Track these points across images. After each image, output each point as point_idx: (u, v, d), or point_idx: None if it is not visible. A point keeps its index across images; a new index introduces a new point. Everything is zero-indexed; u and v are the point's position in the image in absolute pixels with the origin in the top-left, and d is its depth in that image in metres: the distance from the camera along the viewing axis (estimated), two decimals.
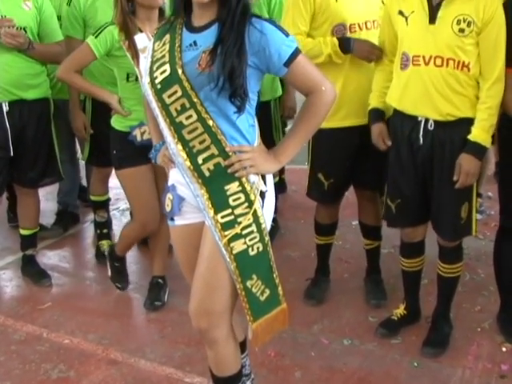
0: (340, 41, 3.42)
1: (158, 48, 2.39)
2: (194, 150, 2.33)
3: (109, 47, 3.52)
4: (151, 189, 3.71)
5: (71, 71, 3.61)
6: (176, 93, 2.29)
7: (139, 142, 3.58)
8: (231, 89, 2.22)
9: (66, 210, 5.24)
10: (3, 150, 3.94)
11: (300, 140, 2.41)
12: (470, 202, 3.25)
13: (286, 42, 2.27)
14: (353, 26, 3.50)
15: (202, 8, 2.30)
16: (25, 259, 4.40)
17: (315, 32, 3.51)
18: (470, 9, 3.01)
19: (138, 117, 3.56)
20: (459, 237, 3.38)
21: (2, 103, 3.87)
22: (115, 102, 3.63)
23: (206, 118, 2.29)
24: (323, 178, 3.73)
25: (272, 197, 2.47)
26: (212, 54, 2.23)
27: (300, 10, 3.46)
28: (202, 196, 2.35)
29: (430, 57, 3.08)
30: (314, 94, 2.35)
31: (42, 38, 4.00)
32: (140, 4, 3.44)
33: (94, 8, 4.20)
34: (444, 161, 3.18)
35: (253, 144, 2.39)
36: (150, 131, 2.76)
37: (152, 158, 2.66)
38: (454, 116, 3.12)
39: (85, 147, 4.57)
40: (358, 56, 3.44)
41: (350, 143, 3.63)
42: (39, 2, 3.96)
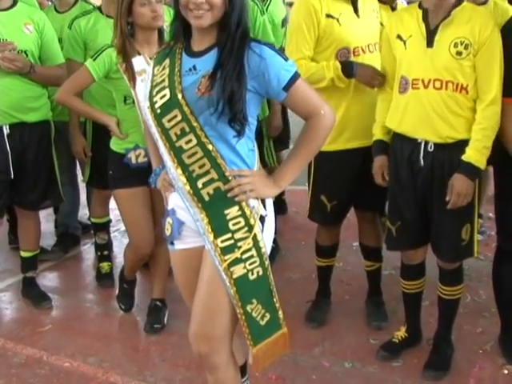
0: (343, 65, 3.43)
1: (157, 72, 2.40)
2: (194, 174, 2.33)
3: (107, 70, 3.55)
4: (145, 211, 3.72)
5: (70, 94, 3.64)
6: (176, 117, 2.29)
7: (134, 164, 3.60)
8: (231, 113, 2.23)
9: (67, 231, 5.23)
10: (4, 173, 3.94)
11: (300, 164, 2.41)
12: (471, 223, 3.25)
13: (285, 66, 2.28)
14: (356, 49, 3.51)
15: (201, 33, 2.32)
16: (25, 281, 4.38)
17: (319, 56, 3.52)
18: (466, 31, 3.04)
19: (134, 139, 3.58)
20: (460, 258, 3.37)
21: (2, 126, 3.87)
22: (113, 125, 3.65)
23: (206, 143, 2.29)
24: (326, 200, 3.72)
25: (272, 221, 2.47)
26: (211, 79, 2.24)
27: (304, 34, 3.47)
28: (202, 220, 2.35)
29: (428, 80, 3.10)
30: (314, 118, 2.35)
31: (43, 61, 4.01)
32: (139, 26, 3.46)
33: (94, 31, 4.23)
34: (444, 182, 3.17)
35: (252, 168, 2.39)
36: (149, 155, 2.76)
37: (152, 183, 2.66)
38: (453, 138, 3.12)
39: (85, 169, 4.58)
40: (361, 81, 3.45)
41: (353, 165, 3.63)
42: (40, 25, 3.97)
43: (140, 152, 3.56)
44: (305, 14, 3.46)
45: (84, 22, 4.27)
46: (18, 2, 3.95)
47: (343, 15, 3.48)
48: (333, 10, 3.46)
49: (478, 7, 3.22)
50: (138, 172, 3.52)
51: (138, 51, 3.46)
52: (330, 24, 3.46)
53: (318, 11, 3.44)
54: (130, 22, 3.44)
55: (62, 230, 5.24)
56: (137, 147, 3.57)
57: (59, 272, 4.89)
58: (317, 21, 3.44)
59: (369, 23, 3.56)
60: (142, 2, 3.40)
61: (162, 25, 3.53)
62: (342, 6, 3.49)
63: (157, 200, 3.59)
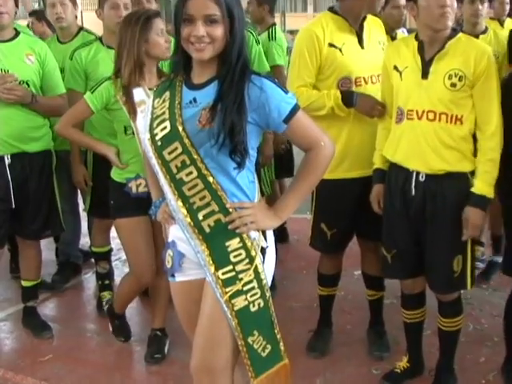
0: (343, 94, 3.46)
1: (157, 105, 2.41)
2: (195, 206, 2.34)
3: (105, 102, 3.56)
4: (146, 240, 3.71)
5: (69, 126, 3.66)
6: (176, 149, 2.30)
7: (135, 194, 3.60)
8: (231, 145, 2.24)
9: (68, 260, 5.23)
10: (5, 202, 3.94)
11: (300, 196, 2.43)
12: (463, 255, 3.23)
13: (285, 98, 2.30)
14: (358, 79, 3.53)
15: (202, 65, 2.34)
16: (26, 311, 4.37)
17: (321, 84, 3.54)
18: (461, 64, 3.07)
19: (135, 169, 3.59)
20: (452, 290, 3.35)
21: (3, 156, 3.88)
22: (113, 155, 3.66)
23: (207, 175, 2.30)
24: (326, 229, 3.72)
25: (273, 252, 2.48)
26: (212, 111, 2.25)
27: (306, 62, 3.50)
28: (203, 252, 2.36)
29: (422, 111, 3.14)
30: (314, 149, 2.37)
31: (44, 91, 4.04)
32: (150, 56, 3.49)
33: (95, 61, 4.26)
34: (435, 212, 3.19)
35: (253, 200, 2.40)
36: (148, 186, 2.77)
37: (152, 215, 2.66)
38: (444, 170, 3.15)
39: (86, 199, 4.58)
40: (360, 111, 3.47)
41: (353, 194, 3.63)
42: (42, 55, 4.00)
43: (141, 182, 3.56)
44: (307, 41, 3.50)
45: (85, 53, 4.30)
46: (20, 33, 3.98)
47: (346, 45, 3.51)
48: (336, 40, 3.50)
49: (473, 39, 3.24)
50: (138, 201, 3.53)
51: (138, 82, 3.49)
52: (332, 53, 3.49)
53: (321, 40, 3.47)
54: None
55: (63, 259, 5.24)
56: (137, 177, 3.58)
57: (60, 301, 4.88)
58: (319, 49, 3.48)
59: (373, 54, 3.58)
60: (158, 32, 3.47)
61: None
62: (345, 36, 3.53)
63: (157, 231, 3.57)
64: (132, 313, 4.52)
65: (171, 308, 4.00)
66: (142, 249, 3.72)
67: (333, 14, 3.58)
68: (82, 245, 5.54)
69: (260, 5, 5.48)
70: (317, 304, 4.08)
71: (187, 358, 2.50)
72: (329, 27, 3.51)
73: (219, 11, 2.23)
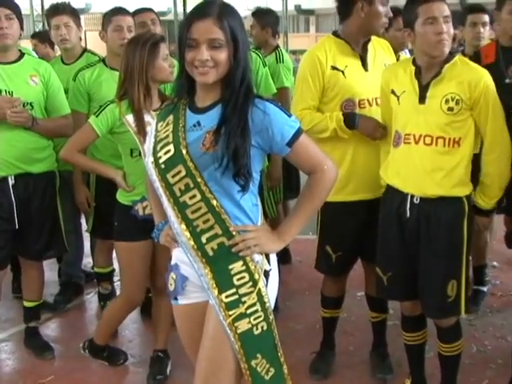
0: (345, 116, 3.47)
1: (161, 128, 2.43)
2: (198, 229, 2.35)
3: (110, 125, 3.57)
4: (144, 266, 3.72)
5: (74, 151, 3.65)
6: (180, 173, 2.32)
7: (141, 216, 3.60)
8: (235, 168, 2.25)
9: (70, 280, 5.22)
10: (8, 223, 3.95)
11: (303, 219, 2.43)
12: (458, 280, 3.23)
13: (288, 122, 2.32)
14: (362, 101, 3.55)
15: (205, 89, 2.35)
16: (28, 331, 4.37)
17: (325, 107, 3.57)
18: (457, 87, 3.10)
19: (141, 191, 3.58)
20: (445, 316, 3.33)
21: (7, 177, 3.90)
22: (119, 179, 3.66)
23: (210, 198, 2.31)
24: (331, 251, 3.72)
25: (276, 275, 2.48)
26: (216, 135, 2.27)
27: (309, 84, 3.52)
28: (206, 275, 2.36)
29: (419, 136, 3.16)
30: (317, 172, 2.39)
31: (49, 112, 4.06)
32: (153, 79, 3.51)
33: (98, 83, 4.30)
34: (429, 236, 3.21)
35: (256, 223, 2.41)
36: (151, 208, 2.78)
37: (155, 238, 2.66)
38: (438, 195, 3.17)
39: (89, 219, 4.59)
40: (362, 133, 3.48)
41: (358, 217, 3.64)
42: (46, 76, 4.02)
43: (147, 204, 3.54)
44: (310, 65, 3.54)
45: (88, 74, 4.34)
46: (24, 55, 4.01)
47: (349, 68, 3.53)
48: (338, 63, 3.52)
49: (469, 63, 3.25)
50: (143, 225, 3.50)
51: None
52: (335, 76, 3.51)
53: (323, 63, 3.50)
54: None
55: (65, 279, 5.24)
56: (143, 199, 3.57)
57: (62, 322, 4.87)
58: (321, 72, 3.51)
59: (378, 77, 3.57)
60: (163, 57, 3.50)
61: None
62: (348, 59, 3.55)
63: (160, 252, 3.60)
64: (134, 333, 4.53)
65: (174, 329, 4.03)
66: (138, 274, 3.73)
67: (336, 37, 3.61)
68: (85, 265, 5.55)
69: (263, 28, 5.53)
70: (319, 325, 4.06)
71: (190, 379, 2.50)
72: (332, 51, 3.54)
73: (223, 35, 2.25)
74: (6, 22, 3.80)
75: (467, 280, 3.28)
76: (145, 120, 3.46)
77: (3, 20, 3.79)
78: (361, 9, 3.48)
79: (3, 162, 3.87)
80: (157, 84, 3.56)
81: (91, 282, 5.28)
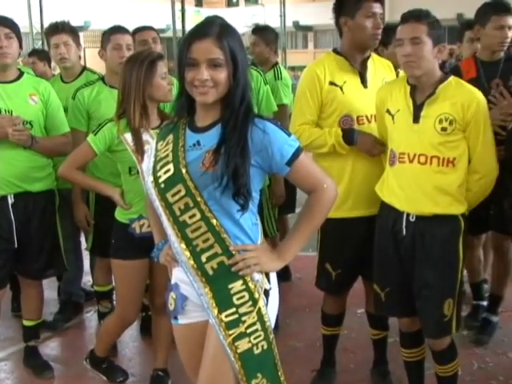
0: (344, 132, 3.49)
1: (161, 148, 2.44)
2: (198, 248, 2.35)
3: (108, 144, 3.58)
4: (138, 285, 3.73)
5: (72, 169, 3.67)
6: (179, 192, 2.33)
7: (139, 234, 3.60)
8: (235, 188, 2.26)
9: (70, 299, 5.21)
10: (8, 242, 3.95)
11: (304, 238, 2.44)
12: (453, 298, 3.24)
13: (288, 141, 2.33)
14: (360, 118, 3.57)
15: (205, 109, 2.37)
16: (27, 350, 4.35)
17: (324, 122, 3.59)
18: (450, 108, 3.13)
19: (138, 209, 3.60)
20: (441, 335, 3.34)
21: (7, 196, 3.90)
22: (117, 197, 3.67)
23: (210, 217, 2.32)
24: (331, 269, 3.72)
25: (276, 294, 2.48)
26: (215, 154, 2.28)
27: (307, 100, 3.55)
28: (206, 295, 2.37)
29: (414, 155, 3.19)
30: (316, 191, 2.40)
31: (48, 131, 4.07)
32: (150, 97, 3.51)
33: (97, 101, 4.30)
34: (425, 254, 3.23)
35: (256, 242, 2.41)
36: (151, 228, 2.78)
37: (154, 257, 2.67)
38: (434, 213, 3.19)
39: (88, 237, 4.59)
40: (361, 149, 3.50)
41: (356, 234, 3.63)
42: (45, 95, 4.03)
43: (144, 222, 3.57)
44: (309, 80, 3.57)
45: (87, 93, 4.34)
46: (23, 74, 4.03)
47: (348, 84, 3.55)
48: (337, 79, 3.55)
49: (464, 84, 3.26)
50: (140, 244, 3.52)
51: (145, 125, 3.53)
52: (333, 91, 3.54)
53: (321, 79, 3.53)
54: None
55: (64, 298, 5.23)
56: (141, 217, 3.58)
57: (61, 341, 4.86)
58: (319, 88, 3.53)
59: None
60: (161, 76, 3.51)
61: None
62: (347, 75, 3.57)
63: (158, 271, 3.61)
64: (134, 352, 4.51)
65: (174, 347, 4.03)
66: (132, 292, 3.73)
67: (335, 54, 3.64)
68: (84, 283, 5.54)
69: (267, 45, 5.55)
70: (320, 343, 4.05)
71: None
72: (330, 67, 3.57)
73: (223, 55, 2.27)
74: (5, 41, 3.81)
75: (460, 298, 3.28)
76: (143, 139, 3.47)
77: (3, 39, 3.80)
78: (344, 24, 3.53)
79: (3, 181, 3.87)
80: (155, 102, 3.57)
81: (91, 300, 5.28)
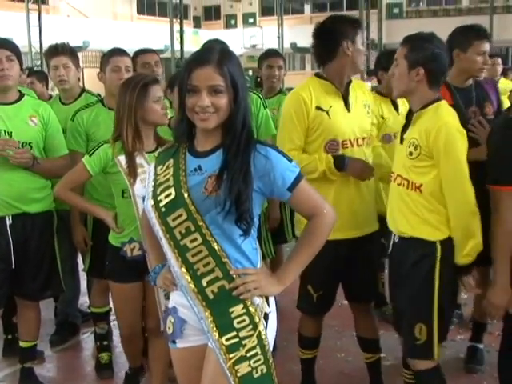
0: (335, 158, 3.54)
1: (161, 172, 2.47)
2: (198, 272, 2.38)
3: (103, 165, 3.61)
4: (134, 307, 3.78)
5: (67, 189, 3.71)
6: (181, 216, 2.35)
7: (130, 257, 3.64)
8: (237, 213, 2.29)
9: (66, 320, 5.22)
10: (5, 263, 3.97)
11: (302, 262, 2.50)
12: (427, 324, 3.23)
13: (289, 167, 2.37)
14: (345, 142, 3.62)
15: (206, 134, 2.40)
16: (23, 372, 4.34)
17: (309, 146, 3.62)
18: (418, 134, 3.20)
19: (129, 233, 3.64)
20: (415, 357, 3.34)
21: (5, 217, 3.92)
22: (110, 219, 3.70)
23: (211, 242, 2.35)
24: (312, 291, 3.76)
25: (274, 317, 2.51)
26: (218, 179, 2.31)
27: (295, 125, 3.57)
28: (206, 319, 2.39)
29: (396, 175, 3.32)
30: (316, 216, 2.45)
31: (47, 152, 4.10)
32: (144, 121, 3.55)
33: (96, 123, 4.34)
34: (399, 276, 3.32)
35: (256, 266, 2.45)
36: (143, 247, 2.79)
37: (151, 281, 2.69)
38: (407, 234, 3.25)
39: (86, 258, 4.60)
40: (351, 174, 3.57)
41: (337, 256, 3.63)
42: (45, 117, 4.07)
43: (135, 245, 3.62)
44: (295, 105, 3.59)
45: (86, 115, 4.38)
46: (24, 96, 4.06)
47: (333, 108, 3.60)
48: (323, 103, 3.58)
49: (440, 112, 3.21)
50: (132, 266, 3.59)
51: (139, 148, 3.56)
52: (319, 116, 3.57)
53: (308, 103, 3.56)
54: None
55: (61, 319, 5.25)
56: (131, 240, 3.62)
57: (58, 362, 4.86)
58: (306, 112, 3.56)
59: (359, 117, 3.69)
60: (154, 99, 3.54)
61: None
62: (332, 99, 3.61)
63: (151, 294, 3.66)
64: None
65: (171, 369, 4.03)
66: (128, 315, 3.80)
67: (319, 78, 3.68)
68: (81, 304, 5.55)
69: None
70: (317, 366, 4.06)
71: None
72: (316, 91, 3.60)
73: (223, 82, 2.31)
74: (6, 63, 3.86)
75: (440, 325, 3.24)
76: (136, 162, 3.51)
77: (4, 61, 3.85)
78: (347, 48, 3.56)
79: (1, 202, 3.90)
80: (149, 126, 3.59)
81: (87, 321, 5.27)
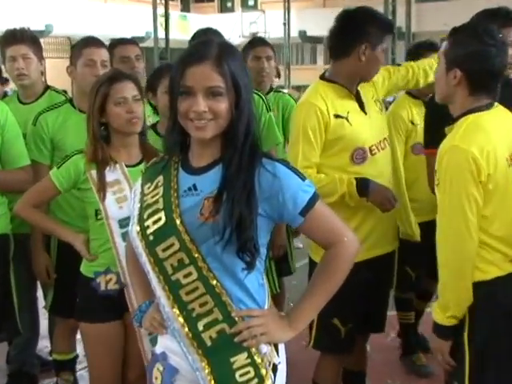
0: (358, 182, 3.63)
1: (148, 192, 2.49)
2: (194, 313, 2.39)
3: (73, 180, 3.61)
4: (113, 353, 3.72)
5: (29, 207, 3.70)
6: (172, 246, 2.37)
7: (103, 291, 3.61)
8: (239, 242, 2.30)
9: (21, 369, 5.12)
10: None
11: (319, 302, 2.51)
12: None
13: (302, 186, 2.38)
14: (372, 148, 3.75)
15: (202, 145, 2.42)
16: None
17: (332, 161, 3.71)
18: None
19: (104, 261, 3.62)
20: None
21: None
22: (80, 244, 3.67)
23: (209, 277, 2.36)
24: (340, 324, 3.82)
25: (284, 368, 2.53)
26: (216, 202, 2.32)
27: (310, 140, 3.66)
28: (203, 370, 2.40)
29: None
30: (335, 246, 2.46)
31: (3, 163, 4.08)
32: (115, 130, 3.56)
33: (64, 128, 4.31)
34: None
35: (263, 307, 2.46)
36: (120, 281, 2.80)
37: (136, 321, 2.70)
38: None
39: (48, 293, 4.56)
40: (373, 201, 3.67)
41: (365, 278, 3.71)
42: (1, 120, 4.04)
43: (111, 277, 3.60)
44: (310, 118, 3.67)
45: (52, 118, 4.34)
46: None
47: (351, 113, 3.71)
48: (340, 110, 3.69)
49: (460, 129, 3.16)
50: (109, 302, 3.57)
51: (112, 157, 3.57)
52: (340, 124, 3.67)
53: (325, 112, 3.65)
54: (103, 123, 3.55)
55: (15, 367, 5.14)
56: (108, 271, 3.60)
57: None
58: (324, 123, 3.66)
59: (376, 117, 3.84)
60: (116, 101, 3.52)
61: (140, 130, 3.61)
62: (347, 103, 3.73)
63: (132, 338, 3.63)
64: None
65: None
66: (106, 364, 3.71)
67: (326, 82, 3.79)
68: (40, 350, 5.51)
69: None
70: None
71: None
72: (329, 97, 3.70)
73: (223, 83, 2.33)
74: None
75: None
76: (112, 177, 3.52)
77: None
78: (363, 52, 3.66)
79: None
80: (120, 134, 3.58)
81: (48, 371, 5.20)
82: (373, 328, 3.97)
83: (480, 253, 3.06)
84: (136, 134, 3.63)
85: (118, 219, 3.51)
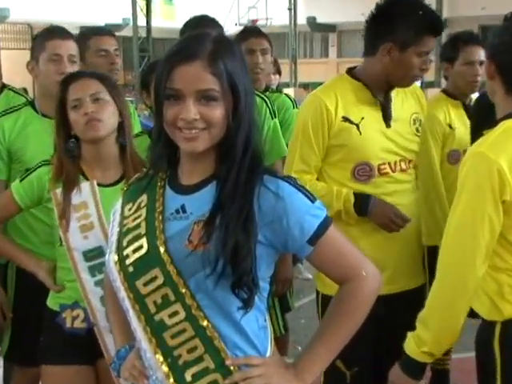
0: (357, 198, 3.67)
1: (129, 214, 2.51)
2: (180, 361, 2.39)
3: (37, 196, 3.62)
4: None
5: None
6: (155, 279, 2.37)
7: (68, 328, 3.60)
8: (234, 276, 2.30)
9: None
10: None
11: (332, 349, 2.48)
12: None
13: (311, 209, 2.39)
14: (382, 166, 3.77)
15: (193, 160, 2.43)
16: None
17: (331, 171, 3.78)
18: None
19: (72, 294, 3.62)
20: None
21: None
22: (43, 273, 3.69)
23: (199, 317, 2.36)
24: (344, 367, 3.84)
25: None
26: (208, 226, 2.33)
27: (310, 139, 3.72)
28: None
29: None
30: (351, 281, 2.46)
31: None
32: (82, 140, 3.55)
33: (23, 136, 4.32)
34: None
35: (264, 354, 2.46)
36: (88, 318, 2.81)
37: (114, 369, 2.70)
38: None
39: (3, 337, 4.54)
40: (375, 221, 3.70)
41: (374, 316, 3.71)
42: None
43: (78, 313, 3.59)
44: (313, 112, 3.74)
45: (9, 123, 4.34)
46: None
47: (366, 121, 3.74)
48: (353, 113, 3.73)
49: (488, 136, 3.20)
50: (77, 342, 3.56)
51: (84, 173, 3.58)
52: (346, 130, 3.71)
53: (331, 111, 3.69)
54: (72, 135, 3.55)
55: None
56: (75, 305, 3.60)
57: None
58: (328, 123, 3.70)
59: (403, 136, 3.83)
60: (71, 105, 3.53)
61: (104, 136, 3.54)
62: (366, 109, 3.76)
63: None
64: None
65: None
66: None
67: (352, 78, 3.82)
68: None
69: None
70: None
71: None
72: (344, 96, 3.74)
73: (218, 85, 2.33)
74: None
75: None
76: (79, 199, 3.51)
77: None
78: (388, 51, 3.69)
79: None
80: (92, 144, 3.55)
81: None
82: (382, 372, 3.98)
83: (509, 282, 3.00)
84: (113, 145, 3.61)
85: (81, 251, 3.51)
